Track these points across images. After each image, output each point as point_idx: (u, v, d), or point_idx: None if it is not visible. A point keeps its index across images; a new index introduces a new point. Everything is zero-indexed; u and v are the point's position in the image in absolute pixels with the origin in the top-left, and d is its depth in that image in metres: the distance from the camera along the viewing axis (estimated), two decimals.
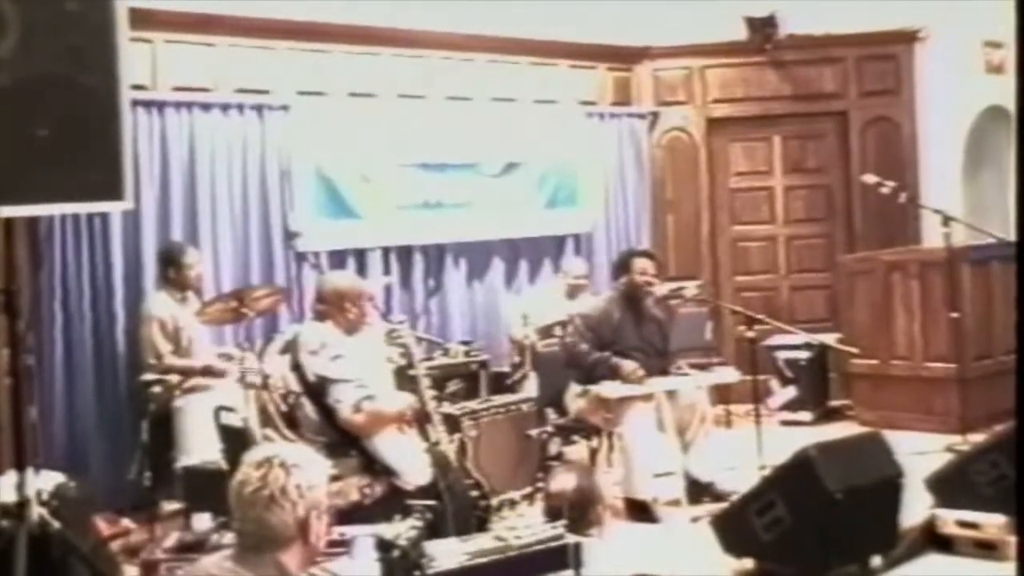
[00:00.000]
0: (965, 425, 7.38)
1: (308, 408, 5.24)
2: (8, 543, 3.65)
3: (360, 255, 7.96)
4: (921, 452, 6.50)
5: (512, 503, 6.25)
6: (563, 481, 5.95)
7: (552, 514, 5.64)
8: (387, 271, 8.04)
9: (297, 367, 5.29)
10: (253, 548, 2.85)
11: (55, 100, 3.52)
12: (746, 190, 9.88)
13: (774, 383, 8.77)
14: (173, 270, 6.69)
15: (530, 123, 8.90)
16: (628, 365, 6.50)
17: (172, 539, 5.54)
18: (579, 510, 5.79)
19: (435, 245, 8.38)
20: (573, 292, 8.07)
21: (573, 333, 6.84)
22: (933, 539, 5.62)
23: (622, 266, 6.88)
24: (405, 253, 8.23)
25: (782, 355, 8.81)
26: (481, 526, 5.54)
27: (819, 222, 9.84)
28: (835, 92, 9.73)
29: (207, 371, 6.46)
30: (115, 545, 5.56)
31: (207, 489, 5.58)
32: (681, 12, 9.33)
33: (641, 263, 6.83)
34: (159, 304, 6.63)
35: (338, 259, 7.81)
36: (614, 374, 6.51)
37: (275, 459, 2.89)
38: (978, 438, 6.64)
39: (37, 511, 3.76)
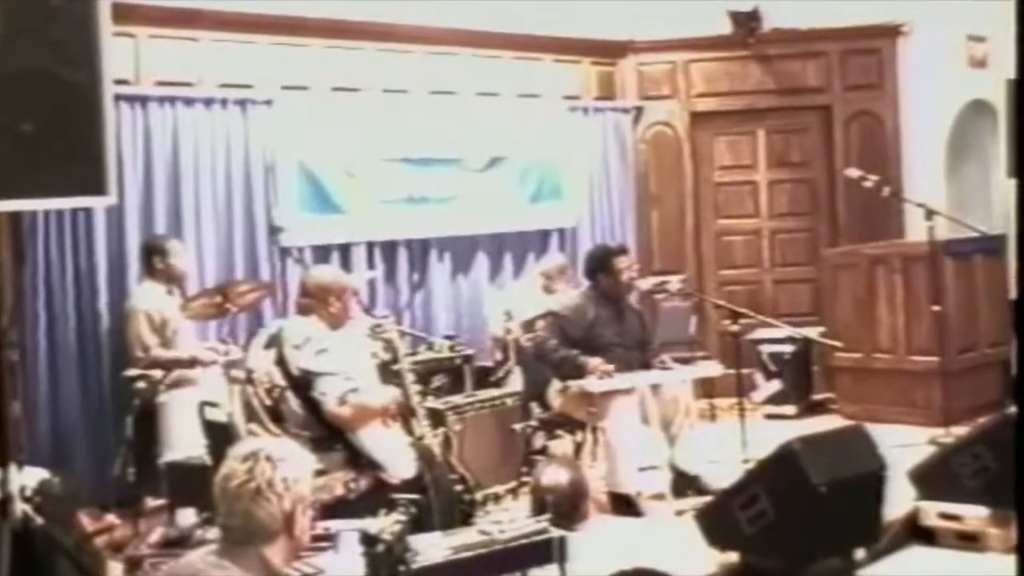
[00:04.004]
0: (948, 418, 7.40)
1: (293, 402, 5.24)
2: None
3: (344, 250, 7.95)
4: (904, 445, 6.53)
5: (497, 497, 6.26)
6: (556, 475, 5.96)
7: (540, 508, 5.65)
8: (371, 266, 8.03)
9: (281, 361, 5.28)
10: (238, 542, 2.85)
11: (38, 95, 3.50)
12: (730, 184, 9.89)
13: (758, 377, 8.80)
14: (159, 259, 6.65)
15: (514, 118, 8.89)
16: (593, 361, 6.48)
17: (156, 535, 5.55)
18: (571, 503, 5.82)
19: (419, 240, 8.37)
20: (548, 287, 8.05)
21: (544, 329, 6.84)
22: (916, 531, 5.67)
23: (601, 266, 6.83)
24: (389, 248, 8.22)
25: (766, 349, 8.83)
26: (466, 520, 5.54)
27: (803, 216, 9.86)
28: (819, 86, 9.75)
29: (195, 362, 6.44)
30: (99, 541, 5.56)
31: (191, 485, 5.58)
32: (665, 6, 9.35)
33: (622, 262, 6.80)
34: (145, 296, 6.61)
35: (322, 254, 7.81)
36: (580, 372, 6.50)
37: (261, 452, 2.89)
38: (961, 431, 6.68)
39: (21, 507, 3.75)
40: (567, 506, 5.75)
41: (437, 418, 6.10)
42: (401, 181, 8.18)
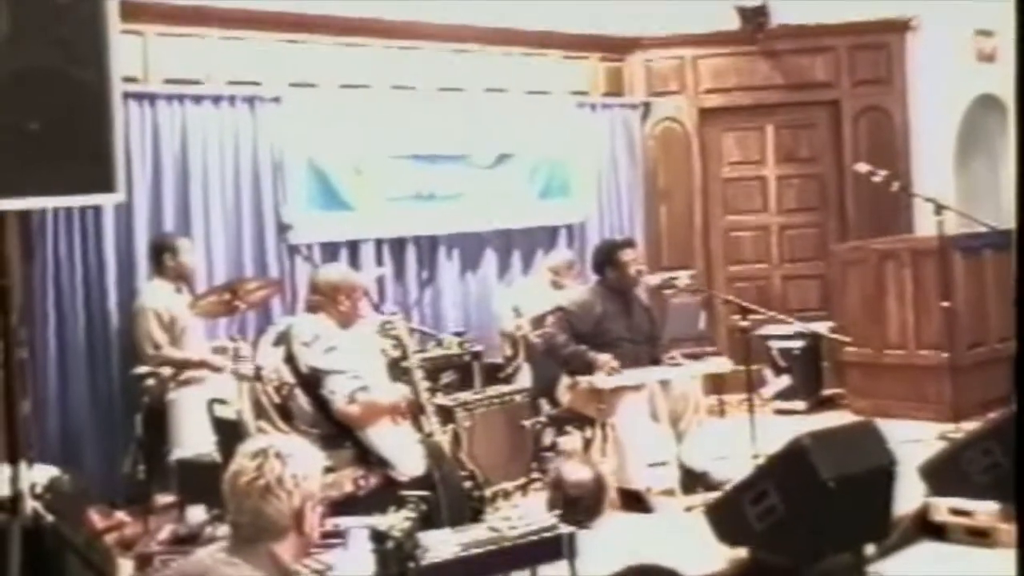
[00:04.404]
0: (958, 413, 7.40)
1: (302, 400, 5.24)
2: (2, 537, 3.65)
3: (353, 247, 7.95)
4: (914, 440, 6.52)
5: (506, 494, 6.27)
6: (581, 472, 5.94)
7: (559, 504, 5.62)
8: (380, 263, 8.04)
9: (290, 359, 5.28)
10: (248, 539, 2.85)
11: (46, 93, 3.50)
12: (739, 180, 9.88)
13: (767, 372, 8.79)
14: (168, 256, 6.67)
15: (522, 114, 8.89)
16: (602, 357, 6.47)
17: (166, 532, 5.53)
18: (595, 499, 5.81)
19: (428, 236, 8.37)
20: (556, 283, 8.04)
21: (552, 324, 6.84)
22: (926, 527, 5.67)
23: (608, 260, 6.83)
24: (398, 245, 8.22)
25: (775, 344, 8.82)
26: (475, 517, 5.53)
27: (812, 211, 9.85)
28: (827, 81, 9.74)
29: (204, 365, 6.45)
30: (109, 538, 5.56)
31: (201, 482, 5.58)
32: (673, 2, 9.34)
33: (628, 254, 6.81)
34: (154, 294, 6.62)
35: (331, 251, 7.82)
36: (589, 368, 6.49)
37: (270, 449, 2.89)
38: (971, 426, 6.66)
39: (31, 505, 3.75)
40: (591, 502, 5.75)
41: (446, 415, 6.11)
42: (409, 178, 8.18)
